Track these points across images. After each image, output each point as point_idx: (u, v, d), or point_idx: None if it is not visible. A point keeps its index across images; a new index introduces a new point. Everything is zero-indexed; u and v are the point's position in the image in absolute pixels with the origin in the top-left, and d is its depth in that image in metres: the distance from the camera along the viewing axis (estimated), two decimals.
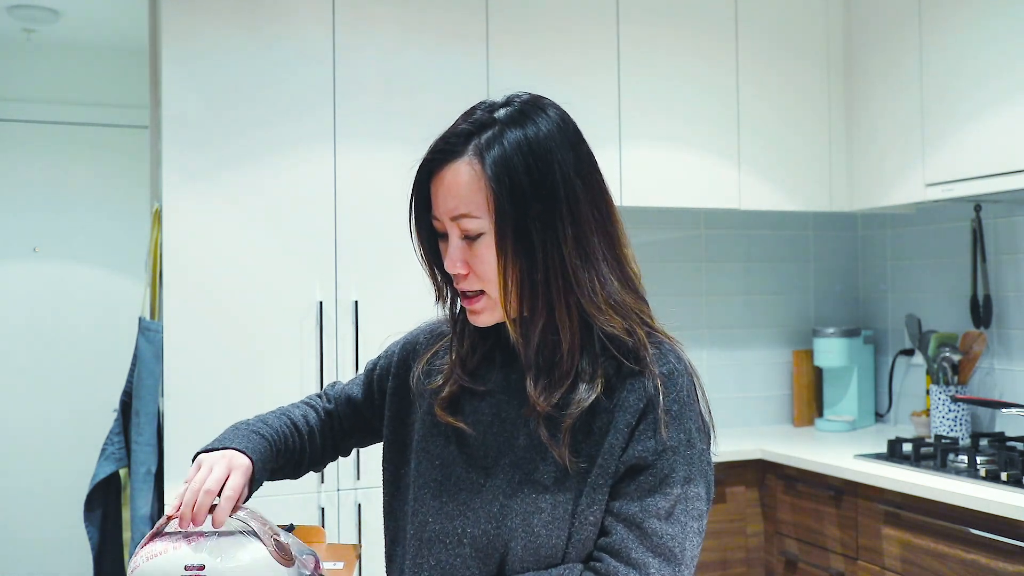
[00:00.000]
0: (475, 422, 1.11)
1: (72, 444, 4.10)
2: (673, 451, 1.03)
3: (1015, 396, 2.93)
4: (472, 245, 1.05)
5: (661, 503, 1.02)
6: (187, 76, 2.54)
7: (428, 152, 1.08)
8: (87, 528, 2.60)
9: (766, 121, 3.20)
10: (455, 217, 1.05)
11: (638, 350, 1.06)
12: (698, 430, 1.06)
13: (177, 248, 2.53)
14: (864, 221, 3.63)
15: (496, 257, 1.04)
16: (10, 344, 4.22)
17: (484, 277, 1.06)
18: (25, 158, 4.28)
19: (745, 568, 2.99)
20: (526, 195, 1.03)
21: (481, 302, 1.08)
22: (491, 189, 1.03)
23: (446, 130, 1.08)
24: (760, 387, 3.54)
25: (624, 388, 1.05)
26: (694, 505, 1.04)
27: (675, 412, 1.04)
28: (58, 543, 4.06)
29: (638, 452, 1.03)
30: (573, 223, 1.04)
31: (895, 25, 3.04)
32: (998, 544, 2.20)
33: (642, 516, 1.01)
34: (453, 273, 1.07)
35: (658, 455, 1.03)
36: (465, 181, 1.04)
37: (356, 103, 2.68)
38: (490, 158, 1.03)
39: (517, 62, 2.87)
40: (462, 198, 1.04)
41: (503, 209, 1.02)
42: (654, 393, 1.04)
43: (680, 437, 1.04)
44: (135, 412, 2.54)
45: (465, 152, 1.05)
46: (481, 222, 1.04)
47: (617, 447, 1.03)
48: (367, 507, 2.63)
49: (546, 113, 1.07)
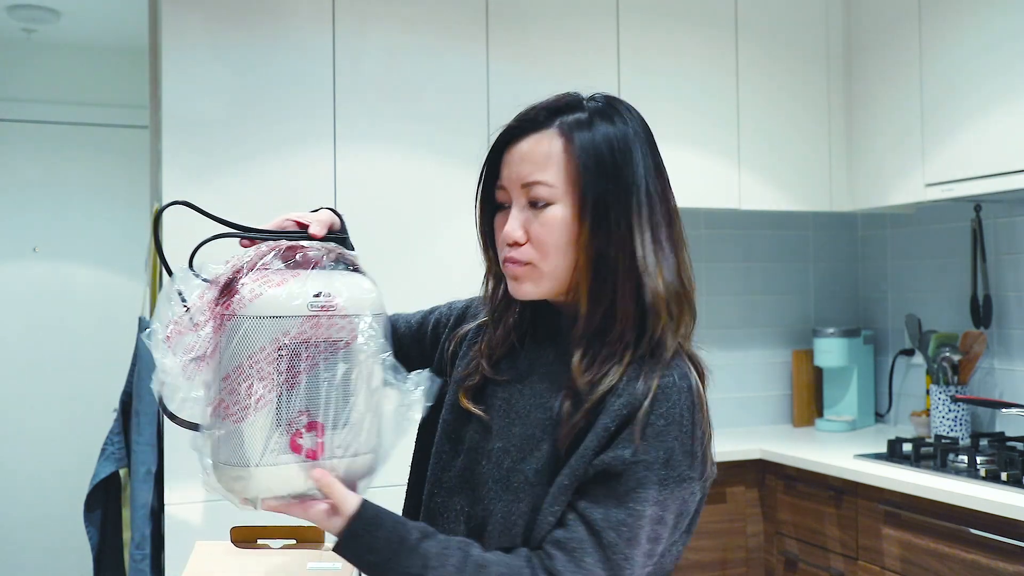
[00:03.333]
0: (489, 407, 1.14)
1: (72, 444, 4.10)
2: (646, 466, 1.00)
3: (1015, 396, 2.93)
4: (538, 214, 1.08)
5: (623, 518, 0.99)
6: (187, 76, 2.54)
7: (511, 121, 1.12)
8: (87, 528, 2.60)
9: (766, 121, 3.20)
10: (527, 183, 1.08)
11: (655, 354, 1.06)
12: (684, 453, 1.02)
13: (177, 248, 2.53)
14: (864, 221, 3.63)
15: (572, 230, 1.07)
16: (10, 344, 4.22)
17: (543, 247, 1.08)
18: (25, 158, 4.27)
19: (745, 568, 2.99)
20: (607, 180, 1.07)
21: (525, 270, 1.09)
22: (576, 165, 1.07)
23: (529, 106, 1.13)
24: (760, 387, 3.54)
25: (614, 391, 1.04)
26: (654, 529, 1.01)
27: (659, 427, 1.01)
28: (58, 543, 4.06)
29: (610, 458, 1.01)
30: (649, 217, 1.08)
31: (895, 26, 3.04)
32: (998, 544, 2.20)
33: (602, 525, 0.99)
34: (510, 240, 1.09)
35: (628, 466, 1.00)
36: (545, 151, 1.08)
37: (356, 103, 2.68)
38: (578, 138, 1.07)
39: (517, 62, 2.87)
40: (538, 165, 1.08)
41: (586, 185, 1.06)
42: (641, 401, 1.02)
43: (657, 455, 1.00)
44: (135, 412, 2.54)
45: (549, 126, 1.09)
46: (554, 191, 1.07)
47: (591, 449, 1.02)
48: None
49: (631, 114, 1.13)
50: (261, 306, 0.96)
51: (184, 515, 2.47)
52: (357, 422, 0.99)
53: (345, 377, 0.98)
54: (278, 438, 0.95)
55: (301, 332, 0.97)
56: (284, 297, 0.98)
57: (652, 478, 1.00)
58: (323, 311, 0.99)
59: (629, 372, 1.04)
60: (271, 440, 0.95)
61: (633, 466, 1.00)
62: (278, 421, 0.96)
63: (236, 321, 0.96)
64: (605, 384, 1.04)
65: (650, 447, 1.00)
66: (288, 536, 1.25)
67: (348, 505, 1.00)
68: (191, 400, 0.99)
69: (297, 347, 0.97)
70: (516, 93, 2.81)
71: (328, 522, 1.00)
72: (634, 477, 1.00)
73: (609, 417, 1.02)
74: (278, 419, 0.96)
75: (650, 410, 1.01)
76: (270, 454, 0.96)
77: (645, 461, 1.00)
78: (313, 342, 0.98)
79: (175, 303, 1.02)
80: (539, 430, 1.08)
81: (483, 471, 1.10)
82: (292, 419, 0.96)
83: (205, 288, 1.03)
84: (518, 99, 1.18)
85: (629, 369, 1.05)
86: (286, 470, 0.96)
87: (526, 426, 1.09)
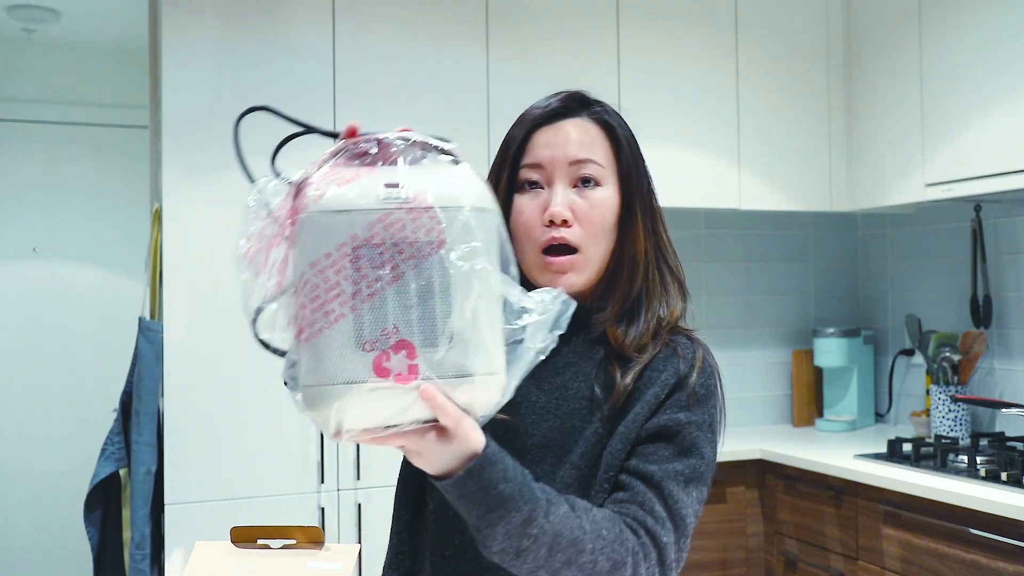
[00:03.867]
0: (505, 408, 1.12)
1: (72, 444, 4.10)
2: (698, 426, 1.06)
3: (1015, 396, 2.93)
4: (586, 194, 1.09)
5: (681, 469, 1.03)
6: (187, 76, 2.54)
7: (542, 105, 1.13)
8: (87, 528, 2.60)
9: (766, 121, 3.20)
10: (579, 160, 1.09)
11: (676, 331, 1.12)
12: (717, 422, 1.10)
13: (177, 248, 2.53)
14: (864, 221, 3.63)
15: (617, 214, 1.11)
16: (10, 344, 4.22)
17: (591, 227, 1.09)
18: (25, 158, 4.27)
19: (745, 568, 2.99)
20: (636, 169, 1.13)
21: (571, 260, 1.09)
22: (616, 151, 1.12)
23: (553, 95, 1.14)
24: (760, 387, 3.54)
25: (653, 367, 1.08)
26: (703, 487, 1.06)
27: (701, 396, 1.07)
28: (58, 543, 4.06)
29: (665, 419, 1.05)
30: (658, 208, 1.17)
31: (895, 25, 3.04)
32: (998, 544, 2.20)
33: (660, 476, 1.02)
34: (558, 219, 1.07)
35: (683, 426, 1.05)
36: (590, 134, 1.11)
37: (356, 103, 2.68)
38: (615, 123, 1.13)
39: (517, 62, 2.87)
40: (585, 145, 1.10)
41: (625, 172, 1.12)
42: (687, 372, 1.07)
43: (705, 417, 1.07)
44: (135, 412, 2.54)
45: (582, 114, 1.13)
46: (603, 172, 1.10)
47: (641, 416, 1.05)
48: (367, 507, 2.62)
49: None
50: (325, 204, 0.83)
51: (184, 515, 2.47)
52: (459, 338, 0.82)
53: (442, 285, 0.81)
54: (359, 360, 0.80)
55: (374, 233, 0.81)
56: (353, 194, 0.83)
57: (703, 437, 1.06)
58: (403, 206, 0.82)
59: (663, 349, 1.10)
60: (349, 362, 0.80)
61: (687, 426, 1.05)
62: (358, 339, 0.81)
63: (299, 225, 0.84)
64: (649, 351, 1.09)
65: (698, 411, 1.07)
66: (288, 536, 1.25)
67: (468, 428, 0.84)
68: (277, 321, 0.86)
69: (371, 250, 0.81)
70: (516, 93, 2.84)
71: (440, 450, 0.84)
72: (689, 435, 1.05)
73: (658, 387, 1.06)
74: (358, 337, 0.81)
75: (694, 379, 1.07)
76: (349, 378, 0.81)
77: (696, 422, 1.06)
78: (392, 243, 0.81)
79: (254, 215, 0.89)
80: (577, 420, 1.08)
81: None
82: (376, 338, 0.81)
83: (286, 193, 0.89)
84: (518, 99, 1.18)
85: (661, 345, 1.10)
86: (372, 396, 0.81)
87: (560, 420, 1.08)
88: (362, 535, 2.61)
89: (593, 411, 1.08)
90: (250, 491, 2.55)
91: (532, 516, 0.88)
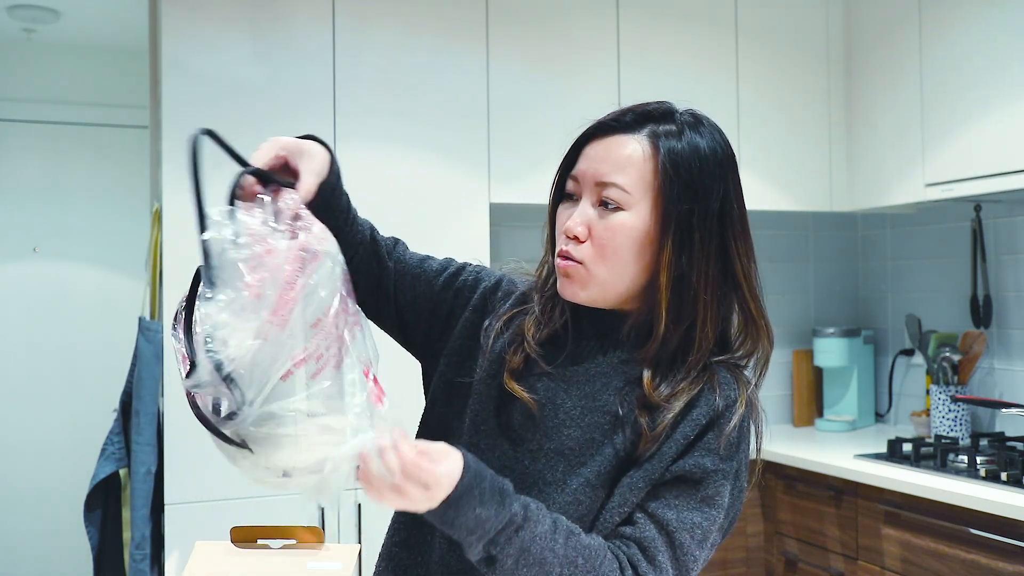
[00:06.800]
0: (533, 396, 1.10)
1: (72, 444, 4.10)
2: (724, 475, 1.04)
3: (1015, 396, 2.93)
4: (606, 215, 1.06)
5: (698, 521, 1.02)
6: (187, 76, 2.54)
7: (602, 118, 1.11)
8: (87, 528, 2.60)
9: (766, 121, 3.20)
10: (602, 182, 1.06)
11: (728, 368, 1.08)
12: (746, 466, 1.07)
13: (177, 248, 2.53)
14: (864, 221, 3.63)
15: (644, 243, 1.05)
16: (9, 344, 4.22)
17: (602, 249, 1.06)
18: (25, 158, 4.27)
19: (745, 568, 2.99)
20: (694, 194, 1.05)
21: (576, 268, 1.07)
22: (659, 174, 1.05)
23: (621, 108, 1.11)
24: (760, 387, 3.54)
25: (692, 404, 1.05)
26: (715, 536, 1.05)
27: (733, 439, 1.05)
28: (58, 543, 4.06)
29: (691, 465, 1.02)
30: (734, 236, 1.08)
31: (895, 25, 3.04)
32: (998, 544, 2.20)
33: (676, 526, 1.01)
34: (571, 234, 1.07)
35: (709, 474, 1.03)
36: (627, 154, 1.06)
37: (356, 103, 2.68)
38: (664, 147, 1.05)
39: (517, 62, 2.87)
40: (617, 166, 1.06)
41: (668, 198, 1.04)
42: (723, 412, 1.04)
43: (732, 465, 1.04)
44: (135, 412, 2.54)
45: (638, 131, 1.07)
46: (627, 197, 1.05)
47: (668, 456, 1.03)
48: (367, 507, 2.63)
49: (719, 132, 1.12)
50: (332, 243, 0.98)
51: (184, 515, 2.47)
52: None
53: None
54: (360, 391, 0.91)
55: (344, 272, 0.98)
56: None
57: (727, 487, 1.04)
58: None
59: (704, 385, 1.06)
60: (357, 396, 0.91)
61: (713, 474, 1.03)
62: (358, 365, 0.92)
63: (321, 260, 0.95)
64: (681, 401, 1.04)
65: (728, 458, 1.04)
66: (288, 536, 1.25)
67: (449, 461, 0.91)
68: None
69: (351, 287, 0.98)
70: (516, 93, 2.84)
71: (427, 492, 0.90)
72: (713, 485, 1.03)
73: (689, 427, 1.04)
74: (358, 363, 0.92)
75: (729, 422, 1.04)
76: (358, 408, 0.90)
77: (723, 470, 1.03)
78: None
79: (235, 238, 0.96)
80: (598, 434, 1.07)
81: (533, 470, 1.07)
82: (367, 364, 0.93)
83: (267, 215, 1.01)
84: (518, 99, 1.18)
85: (702, 382, 1.06)
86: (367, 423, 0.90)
87: (582, 430, 1.07)
88: (362, 535, 2.61)
89: (616, 429, 1.06)
90: (250, 491, 2.55)
91: (506, 532, 0.93)
